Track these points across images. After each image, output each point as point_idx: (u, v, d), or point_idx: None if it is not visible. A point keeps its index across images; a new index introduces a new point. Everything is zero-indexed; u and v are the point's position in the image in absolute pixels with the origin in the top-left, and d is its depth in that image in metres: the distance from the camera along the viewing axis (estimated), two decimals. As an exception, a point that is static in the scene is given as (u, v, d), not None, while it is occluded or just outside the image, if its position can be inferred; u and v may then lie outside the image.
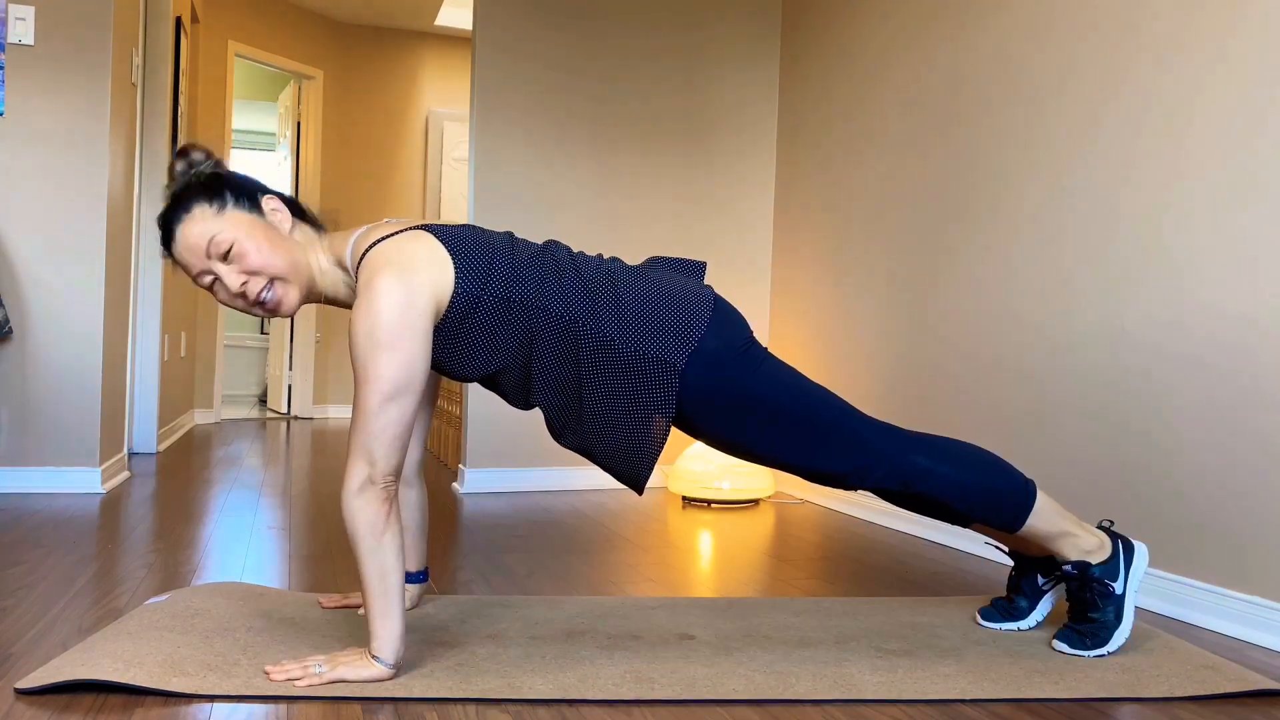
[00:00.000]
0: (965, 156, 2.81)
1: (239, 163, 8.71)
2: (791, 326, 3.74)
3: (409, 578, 1.86)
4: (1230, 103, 2.01)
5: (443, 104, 6.74)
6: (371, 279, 1.48)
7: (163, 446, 4.51)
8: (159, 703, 1.37)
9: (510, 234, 1.67)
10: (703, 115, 3.85)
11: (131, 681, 1.39)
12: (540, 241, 1.79)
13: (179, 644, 1.56)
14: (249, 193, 1.60)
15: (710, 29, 3.86)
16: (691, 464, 3.39)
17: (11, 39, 3.09)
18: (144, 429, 4.34)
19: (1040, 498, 1.73)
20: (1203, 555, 2.03)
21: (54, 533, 2.53)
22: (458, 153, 6.76)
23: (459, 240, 1.58)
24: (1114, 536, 1.77)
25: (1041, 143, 2.52)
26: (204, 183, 1.59)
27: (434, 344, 1.59)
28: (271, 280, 1.56)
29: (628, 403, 1.59)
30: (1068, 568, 1.74)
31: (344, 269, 1.64)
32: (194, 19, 5.37)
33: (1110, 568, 1.73)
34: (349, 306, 1.64)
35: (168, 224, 1.57)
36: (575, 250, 1.76)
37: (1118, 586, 1.72)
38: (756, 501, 3.44)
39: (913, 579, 2.36)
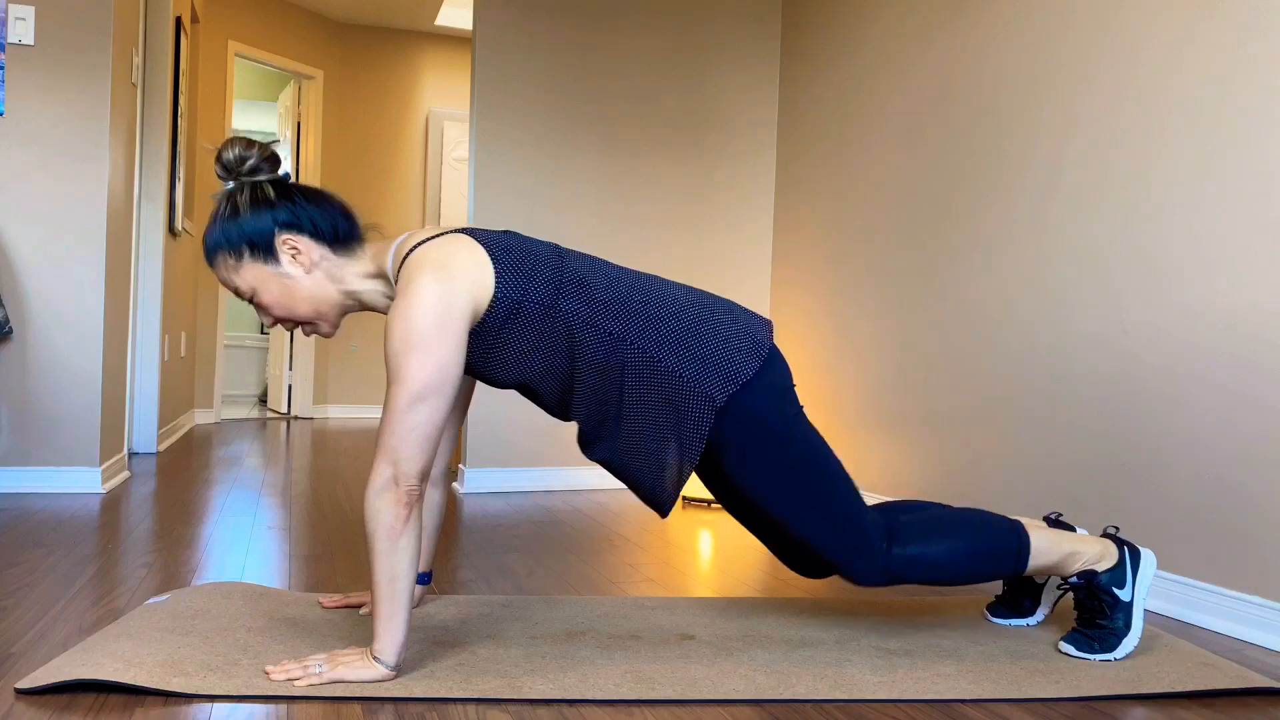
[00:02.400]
0: (965, 157, 2.81)
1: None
2: (791, 326, 3.74)
3: (416, 578, 1.86)
4: (1236, 103, 2.01)
5: (443, 104, 6.74)
6: (410, 280, 1.48)
7: (163, 446, 4.51)
8: (159, 703, 1.37)
9: (556, 245, 1.66)
10: (703, 115, 3.85)
11: (131, 681, 1.39)
12: (549, 240, 1.80)
13: (179, 644, 1.56)
14: (264, 243, 1.58)
15: (710, 29, 3.86)
16: (691, 464, 3.39)
17: (11, 39, 3.09)
18: (144, 429, 4.34)
19: (1033, 536, 1.72)
20: (1203, 555, 2.03)
21: (54, 533, 2.53)
22: (458, 153, 6.76)
23: (501, 245, 1.57)
24: (1120, 543, 1.76)
25: (1041, 143, 2.52)
26: (225, 222, 1.58)
27: (471, 348, 1.58)
28: (298, 322, 1.63)
29: (661, 426, 1.58)
30: (1074, 579, 1.74)
31: (384, 278, 1.63)
32: (194, 19, 5.37)
33: (1117, 575, 1.71)
34: (386, 313, 1.64)
35: (204, 250, 1.63)
36: (620, 264, 1.75)
37: (1125, 594, 1.71)
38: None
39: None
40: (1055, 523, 1.87)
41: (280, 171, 1.63)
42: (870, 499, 3.22)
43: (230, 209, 1.58)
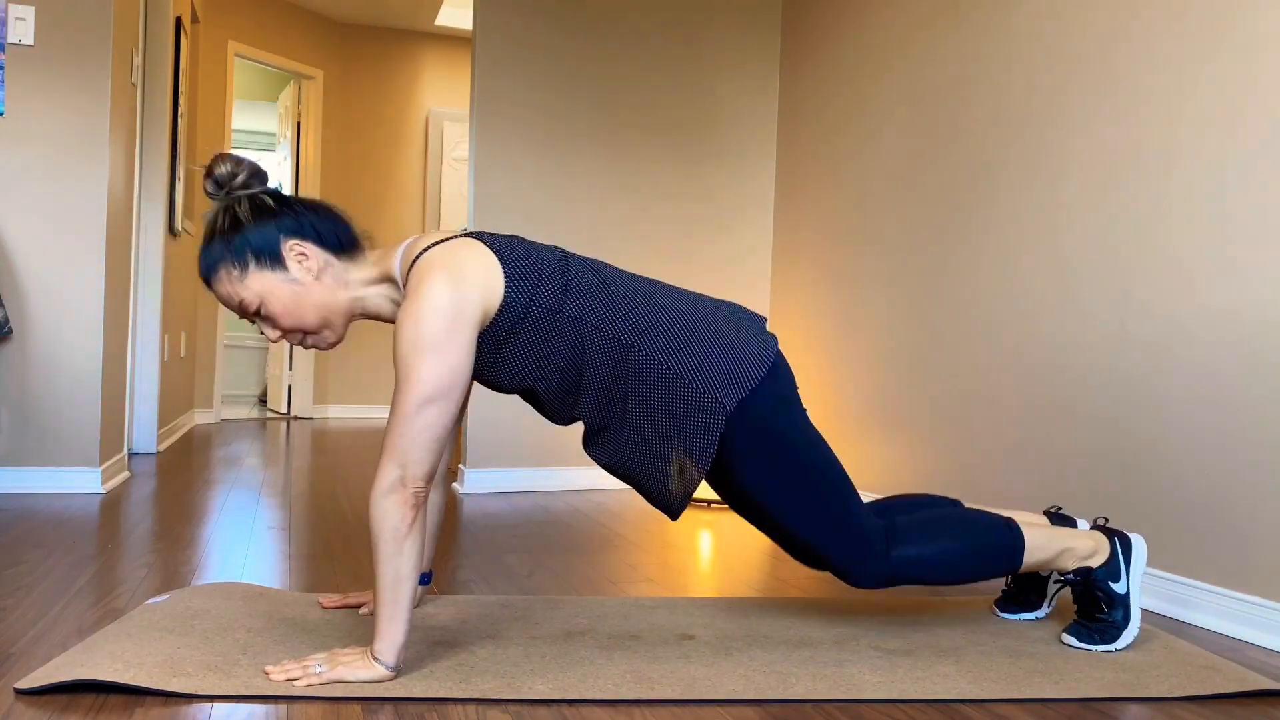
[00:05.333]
0: (965, 156, 2.81)
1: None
2: (792, 326, 3.74)
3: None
4: (1241, 104, 2.01)
5: (443, 104, 6.74)
6: (420, 282, 1.47)
7: (163, 446, 4.51)
8: (159, 703, 1.37)
9: (561, 249, 1.66)
10: (703, 116, 3.85)
11: (131, 681, 1.39)
12: (549, 244, 1.81)
13: (179, 644, 1.56)
14: (270, 250, 1.56)
15: (710, 28, 3.86)
16: (691, 464, 3.39)
17: (11, 39, 3.09)
18: (144, 429, 4.34)
19: (1027, 534, 1.75)
20: (1203, 555, 2.03)
21: (54, 533, 2.53)
22: (458, 153, 6.76)
23: (509, 249, 1.57)
24: (1110, 534, 1.79)
25: (1042, 142, 2.52)
26: (226, 235, 1.56)
27: (478, 352, 1.57)
28: (305, 333, 1.61)
29: (669, 432, 1.58)
30: (1069, 575, 1.77)
31: (391, 282, 1.62)
32: (194, 19, 5.37)
33: (1111, 569, 1.74)
34: (392, 321, 1.63)
35: (201, 268, 1.59)
36: (625, 270, 1.76)
37: (1120, 587, 1.74)
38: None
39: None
40: (1056, 516, 1.90)
41: (269, 186, 1.62)
42: (869, 498, 3.22)
43: (230, 221, 1.57)
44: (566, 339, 1.57)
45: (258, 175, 1.60)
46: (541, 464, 3.64)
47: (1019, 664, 1.65)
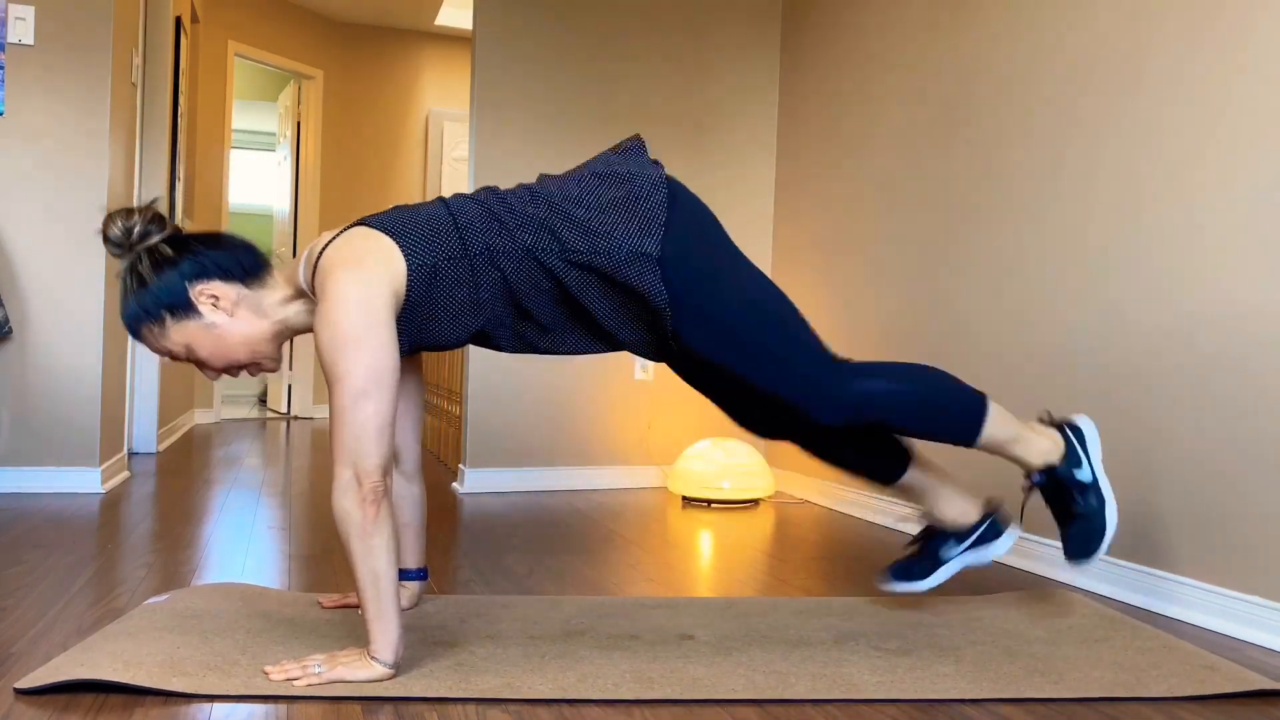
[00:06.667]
0: (965, 153, 2.81)
1: (239, 163, 8.72)
2: (791, 326, 3.74)
3: (409, 575, 1.86)
4: (1248, 100, 2.01)
5: (443, 104, 6.74)
6: (325, 284, 1.49)
7: (163, 446, 4.51)
8: (159, 703, 1.37)
9: (440, 197, 1.66)
10: (703, 113, 3.85)
11: (131, 681, 1.39)
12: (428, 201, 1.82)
13: (179, 644, 1.56)
14: (180, 301, 1.57)
15: (710, 27, 3.86)
16: (691, 464, 3.39)
17: (11, 39, 3.09)
18: (144, 429, 4.34)
19: (992, 406, 1.75)
20: (1203, 555, 2.03)
21: (54, 533, 2.53)
22: (458, 153, 6.76)
23: (394, 221, 1.58)
24: (1059, 426, 1.81)
25: (1042, 139, 2.52)
26: (136, 294, 1.57)
27: (411, 323, 1.59)
28: (239, 366, 1.64)
29: (626, 305, 1.61)
30: (1036, 478, 1.79)
31: (303, 295, 1.64)
32: (194, 19, 5.37)
33: (1071, 459, 1.77)
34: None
35: (126, 327, 1.62)
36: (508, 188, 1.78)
37: (1084, 475, 1.76)
38: (757, 501, 3.44)
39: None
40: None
41: (168, 229, 1.61)
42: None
43: (136, 281, 1.58)
44: (484, 274, 1.58)
45: (155, 220, 1.60)
46: (541, 464, 3.64)
47: (1019, 664, 1.65)
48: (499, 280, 1.59)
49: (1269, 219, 1.92)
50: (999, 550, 1.90)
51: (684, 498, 3.44)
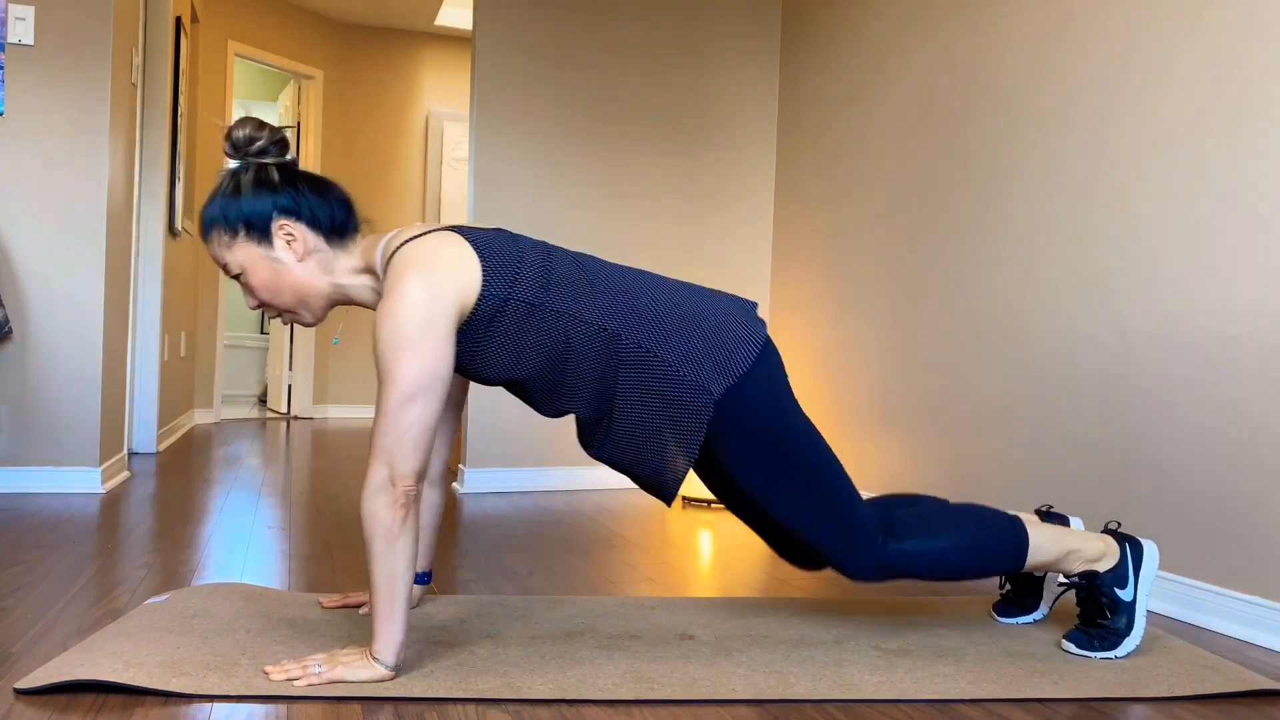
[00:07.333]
0: (966, 155, 2.81)
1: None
2: (792, 322, 3.74)
3: (415, 577, 1.86)
4: (1245, 104, 2.01)
5: (443, 104, 6.74)
6: (397, 279, 1.47)
7: (163, 446, 4.51)
8: (159, 703, 1.37)
9: (545, 243, 1.65)
10: (703, 113, 3.85)
11: (131, 681, 1.39)
12: (541, 239, 1.79)
13: (179, 644, 1.56)
14: (261, 224, 1.58)
15: (711, 27, 3.86)
16: (691, 464, 3.39)
17: (11, 39, 3.09)
18: (144, 429, 4.34)
19: (1032, 533, 1.72)
20: (1204, 555, 2.03)
21: (54, 533, 2.53)
22: (458, 153, 6.76)
23: (487, 242, 1.56)
24: (1121, 539, 1.75)
25: (1042, 139, 2.52)
26: (225, 198, 1.58)
27: (459, 346, 1.57)
28: (281, 310, 1.64)
29: (659, 420, 1.58)
30: (1074, 579, 1.73)
31: (373, 273, 1.63)
32: (194, 19, 5.37)
33: (1118, 574, 1.71)
34: (374, 309, 1.63)
35: (201, 222, 1.62)
36: (611, 262, 1.74)
37: (1126, 594, 1.70)
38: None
39: (912, 579, 2.35)
40: (1047, 515, 1.87)
41: (287, 157, 1.63)
42: (867, 496, 3.22)
43: (233, 186, 1.59)
44: (549, 331, 1.56)
45: (278, 143, 1.61)
46: (541, 464, 3.64)
47: (1019, 664, 1.65)
48: (559, 340, 1.57)
49: (1271, 221, 1.92)
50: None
51: (684, 498, 3.44)
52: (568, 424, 3.66)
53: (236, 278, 1.62)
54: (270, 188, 1.58)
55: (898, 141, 3.12)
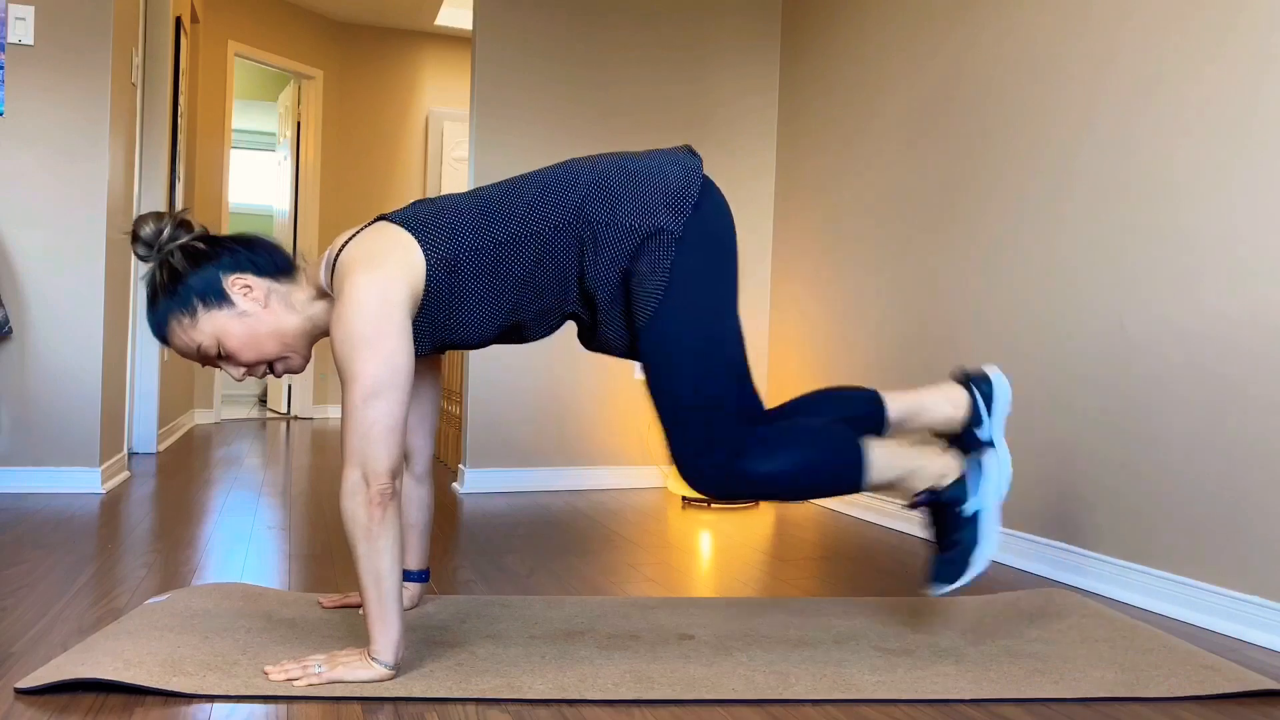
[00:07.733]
0: (966, 151, 2.81)
1: (239, 163, 8.72)
2: (791, 319, 3.74)
3: (411, 576, 1.86)
4: (1246, 104, 2.01)
5: (443, 104, 6.74)
6: (342, 285, 1.48)
7: (163, 446, 4.51)
8: (159, 703, 1.37)
9: (471, 191, 1.65)
10: (704, 112, 3.85)
11: (131, 681, 1.39)
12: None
13: (179, 644, 1.56)
14: (215, 290, 1.57)
15: (711, 26, 3.86)
16: (691, 464, 3.39)
17: (11, 39, 3.09)
18: (144, 429, 4.34)
19: (873, 454, 1.66)
20: (1203, 555, 2.03)
21: (54, 533, 2.53)
22: (458, 153, 6.76)
23: (413, 215, 1.57)
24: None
25: (1041, 138, 2.52)
26: (167, 286, 1.57)
27: (432, 320, 1.57)
28: (270, 363, 1.63)
29: (630, 269, 1.58)
30: (919, 497, 1.70)
31: (326, 296, 1.63)
32: (194, 19, 5.37)
33: (959, 488, 1.68)
34: None
35: (152, 327, 1.61)
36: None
37: (968, 508, 1.67)
38: (757, 501, 3.44)
39: (912, 579, 2.36)
40: (963, 384, 1.80)
41: (197, 229, 1.63)
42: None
43: (169, 276, 1.58)
44: (509, 259, 1.56)
45: (183, 224, 1.61)
46: (541, 464, 3.64)
47: (1019, 664, 1.65)
48: (524, 262, 1.57)
49: (1273, 219, 1.92)
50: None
51: (684, 498, 3.43)
52: (568, 423, 3.66)
53: (215, 359, 1.60)
54: (204, 257, 1.59)
55: (900, 141, 3.12)
